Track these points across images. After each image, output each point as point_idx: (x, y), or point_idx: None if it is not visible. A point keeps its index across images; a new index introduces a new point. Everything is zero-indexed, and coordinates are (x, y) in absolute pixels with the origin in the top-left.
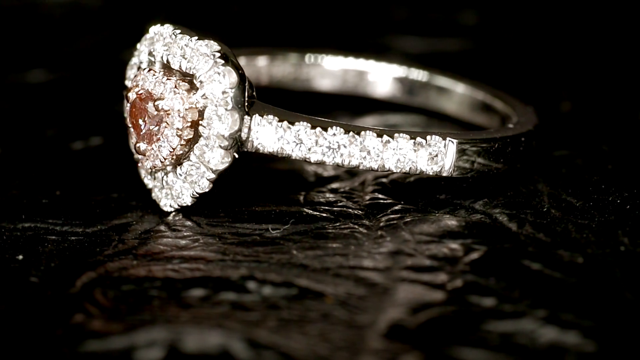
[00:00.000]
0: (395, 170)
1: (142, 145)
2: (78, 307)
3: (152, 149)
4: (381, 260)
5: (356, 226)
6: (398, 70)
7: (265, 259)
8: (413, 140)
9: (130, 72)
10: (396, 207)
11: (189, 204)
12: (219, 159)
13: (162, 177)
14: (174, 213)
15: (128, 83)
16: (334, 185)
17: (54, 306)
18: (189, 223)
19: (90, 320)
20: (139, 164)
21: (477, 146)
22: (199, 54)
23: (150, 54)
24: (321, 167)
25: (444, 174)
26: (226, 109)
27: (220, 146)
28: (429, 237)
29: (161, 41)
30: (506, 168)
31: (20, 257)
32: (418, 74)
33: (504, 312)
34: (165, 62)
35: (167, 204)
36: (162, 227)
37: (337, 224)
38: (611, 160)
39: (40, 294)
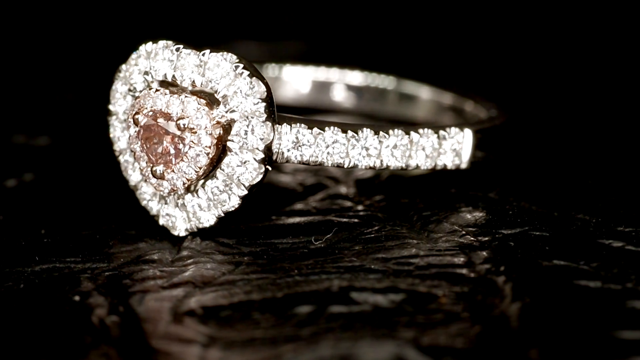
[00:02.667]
0: (422, 168)
1: (160, 169)
2: (181, 340)
3: (174, 170)
4: (457, 256)
5: (394, 227)
6: (359, 78)
7: (333, 269)
8: (436, 135)
9: (118, 95)
10: (417, 206)
11: (212, 225)
12: (253, 174)
13: (177, 201)
14: (189, 237)
15: (114, 108)
16: (330, 192)
17: (159, 344)
18: (214, 245)
19: (208, 351)
20: (140, 190)
21: (482, 135)
22: (217, 67)
23: (146, 73)
24: (296, 176)
25: (462, 167)
26: (260, 121)
27: (254, 159)
28: (482, 229)
29: (161, 58)
30: (493, 157)
31: (77, 297)
32: (382, 81)
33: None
34: (170, 79)
35: (182, 227)
36: (187, 253)
37: (373, 228)
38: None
39: (133, 334)
